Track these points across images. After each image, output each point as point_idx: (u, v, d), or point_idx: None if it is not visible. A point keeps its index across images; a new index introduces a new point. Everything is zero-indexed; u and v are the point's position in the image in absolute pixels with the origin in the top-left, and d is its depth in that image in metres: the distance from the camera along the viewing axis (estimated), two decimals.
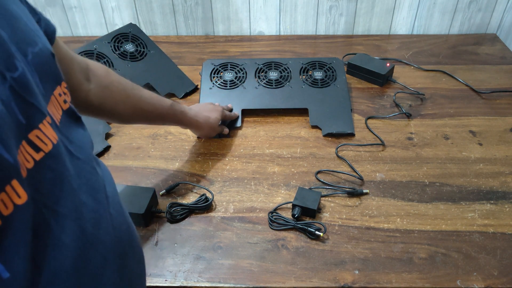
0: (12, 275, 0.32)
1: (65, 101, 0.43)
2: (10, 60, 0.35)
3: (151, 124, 0.89)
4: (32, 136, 0.35)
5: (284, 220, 0.78)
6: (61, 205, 0.38)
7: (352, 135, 0.98)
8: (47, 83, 0.40)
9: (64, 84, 0.43)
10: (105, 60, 1.08)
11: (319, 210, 0.80)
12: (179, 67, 1.16)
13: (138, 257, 0.52)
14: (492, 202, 0.82)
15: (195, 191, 0.86)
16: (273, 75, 1.10)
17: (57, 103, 0.42)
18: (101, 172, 0.47)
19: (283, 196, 0.84)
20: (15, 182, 0.32)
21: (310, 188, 0.84)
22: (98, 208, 0.43)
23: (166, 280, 0.70)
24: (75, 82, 0.63)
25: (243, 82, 1.09)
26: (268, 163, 0.91)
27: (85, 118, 0.97)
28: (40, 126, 0.36)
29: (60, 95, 0.42)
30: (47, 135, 0.37)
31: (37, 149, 0.35)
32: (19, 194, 0.33)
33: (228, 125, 1.00)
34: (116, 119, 0.79)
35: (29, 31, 0.39)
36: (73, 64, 0.62)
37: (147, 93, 0.78)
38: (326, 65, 1.12)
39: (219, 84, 1.09)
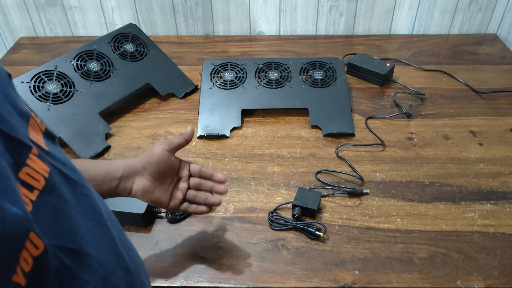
0: None
1: (41, 122, 0.39)
2: None
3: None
4: (22, 175, 0.31)
5: (284, 220, 0.78)
6: (71, 241, 0.35)
7: (352, 135, 0.98)
8: (17, 108, 0.35)
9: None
10: (105, 60, 1.08)
11: (319, 210, 0.80)
12: (179, 67, 1.16)
13: (144, 269, 0.50)
14: (492, 202, 0.82)
15: None
16: (273, 75, 1.10)
17: (36, 126, 0.37)
18: (92, 191, 0.43)
19: (283, 196, 0.84)
20: (32, 235, 0.29)
21: (310, 188, 0.84)
22: (104, 233, 0.41)
23: (166, 280, 0.70)
24: None
25: (243, 82, 1.09)
26: (268, 163, 0.91)
27: (84, 118, 0.97)
28: (28, 161, 0.32)
29: (35, 116, 0.38)
30: (37, 170, 0.33)
31: (30, 188, 0.32)
32: (37, 245, 0.30)
33: (229, 126, 1.00)
34: None
35: None
36: None
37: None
38: (326, 65, 1.12)
39: (219, 84, 1.09)
